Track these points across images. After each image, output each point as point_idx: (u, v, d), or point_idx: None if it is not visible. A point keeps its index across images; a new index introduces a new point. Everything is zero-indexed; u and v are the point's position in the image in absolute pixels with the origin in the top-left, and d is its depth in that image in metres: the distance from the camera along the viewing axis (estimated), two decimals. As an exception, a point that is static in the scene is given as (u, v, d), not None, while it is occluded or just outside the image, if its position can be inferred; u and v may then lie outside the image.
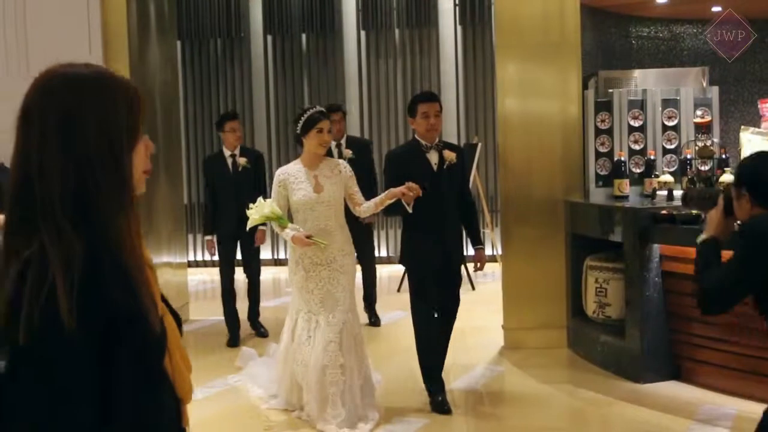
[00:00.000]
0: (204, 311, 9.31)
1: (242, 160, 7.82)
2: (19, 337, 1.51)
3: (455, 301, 5.95)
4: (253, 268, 8.04)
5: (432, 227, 5.71)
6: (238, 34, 13.40)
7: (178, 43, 12.15)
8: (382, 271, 10.23)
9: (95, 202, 1.61)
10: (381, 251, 12.70)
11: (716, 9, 9.47)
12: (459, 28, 13.00)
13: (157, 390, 1.67)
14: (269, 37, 13.41)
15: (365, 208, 5.64)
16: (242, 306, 8.04)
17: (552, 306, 7.30)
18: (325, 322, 5.48)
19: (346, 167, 5.70)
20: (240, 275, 8.01)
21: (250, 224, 5.57)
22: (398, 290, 10.07)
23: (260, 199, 5.53)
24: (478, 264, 5.91)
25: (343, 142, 8.08)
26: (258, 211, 5.44)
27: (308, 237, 5.45)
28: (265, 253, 13.20)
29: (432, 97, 5.91)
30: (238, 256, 7.94)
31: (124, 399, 1.57)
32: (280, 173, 5.68)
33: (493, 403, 5.53)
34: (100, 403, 1.54)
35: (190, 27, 13.34)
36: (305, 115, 5.59)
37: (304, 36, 13.31)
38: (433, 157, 5.77)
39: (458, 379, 6.27)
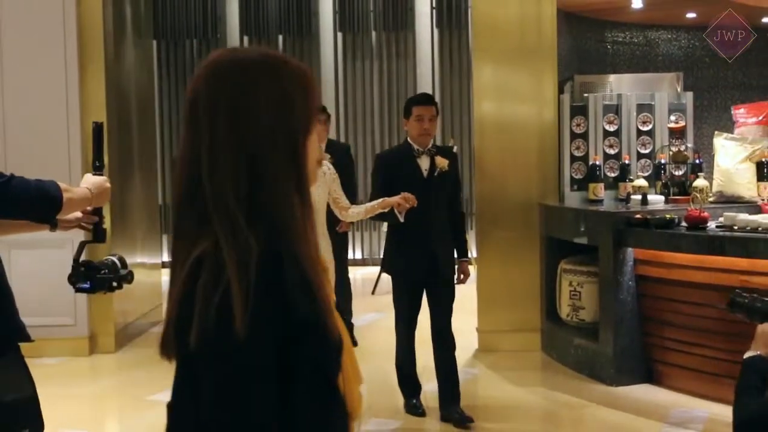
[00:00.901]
0: (178, 312, 9.27)
1: None
2: (190, 343, 1.41)
3: (447, 313, 5.62)
4: None
5: (418, 236, 5.49)
6: (214, 35, 13.36)
7: (154, 43, 12.10)
8: (357, 274, 10.24)
9: (270, 196, 1.48)
10: (355, 253, 12.69)
11: (691, 15, 9.53)
12: (436, 31, 13.02)
13: (333, 404, 1.53)
14: (245, 39, 13.38)
15: (353, 213, 5.41)
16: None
17: (526, 309, 7.32)
18: None
19: (330, 169, 5.40)
20: None
21: None
22: (372, 293, 10.06)
23: None
24: (461, 276, 5.74)
25: (322, 145, 7.86)
26: None
27: None
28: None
29: (428, 100, 5.68)
30: None
31: (301, 414, 1.45)
32: None
33: (467, 406, 5.54)
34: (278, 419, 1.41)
35: (166, 27, 13.29)
36: None
37: (280, 37, 13.29)
38: (423, 163, 5.56)
39: (431, 382, 6.28)
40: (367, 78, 13.18)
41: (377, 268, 10.55)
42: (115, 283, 2.86)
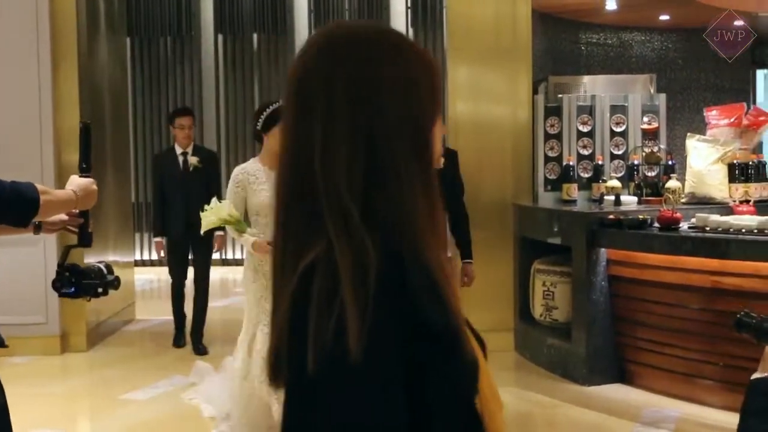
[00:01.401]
0: (150, 311, 9.22)
1: (193, 160, 7.47)
2: (307, 363, 1.19)
3: None
4: (200, 279, 7.64)
5: None
6: (188, 32, 13.31)
7: (128, 40, 12.02)
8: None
9: (392, 191, 1.28)
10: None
11: (664, 18, 9.60)
12: (410, 30, 13.03)
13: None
14: (220, 36, 13.35)
15: None
16: (189, 308, 7.89)
17: (499, 309, 7.34)
18: None
19: None
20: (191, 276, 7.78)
21: (205, 227, 4.96)
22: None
23: (215, 200, 5.00)
24: (465, 279, 5.61)
25: None
26: (215, 213, 4.91)
27: (270, 243, 5.07)
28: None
29: None
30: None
31: None
32: (239, 172, 5.14)
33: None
34: None
35: (140, 24, 13.23)
36: (268, 110, 5.07)
37: (255, 36, 13.27)
38: None
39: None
40: (341, 77, 13.15)
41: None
42: (100, 289, 2.82)
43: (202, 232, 5.06)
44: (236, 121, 13.38)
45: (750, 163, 6.98)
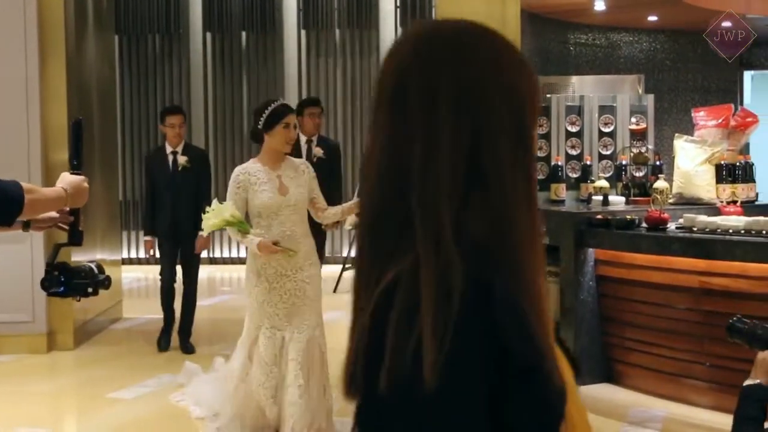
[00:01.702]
0: (138, 309, 9.19)
1: (182, 159, 7.39)
2: (379, 383, 1.13)
3: None
4: (188, 279, 7.57)
5: None
6: (177, 30, 13.28)
7: (116, 37, 11.99)
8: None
9: (494, 202, 1.19)
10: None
11: (652, 18, 9.62)
12: (400, 29, 13.02)
13: None
14: (209, 35, 13.32)
15: (330, 214, 5.18)
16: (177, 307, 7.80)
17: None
18: (290, 338, 4.91)
19: (308, 168, 5.14)
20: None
21: (208, 229, 4.91)
22: (334, 291, 10.05)
23: (216, 202, 4.91)
24: None
25: (314, 139, 7.44)
26: (217, 214, 4.79)
27: (275, 243, 4.82)
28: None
29: None
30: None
31: None
32: (240, 172, 4.99)
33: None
34: None
35: (128, 22, 13.19)
36: (270, 108, 4.96)
37: (244, 34, 13.24)
38: None
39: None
40: (330, 76, 13.16)
41: (338, 267, 10.57)
42: (90, 289, 2.79)
43: (204, 234, 5.04)
44: (225, 120, 13.36)
45: (737, 164, 7.01)
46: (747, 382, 2.62)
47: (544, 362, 1.17)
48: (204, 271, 12.30)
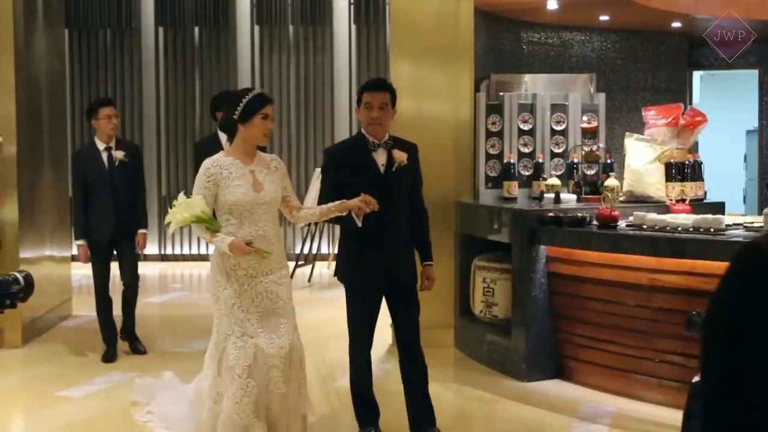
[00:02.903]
0: (87, 306, 9.06)
1: (119, 154, 7.03)
2: None
3: (414, 329, 5.06)
4: (130, 278, 7.21)
5: (376, 238, 4.88)
6: (128, 24, 13.15)
7: (66, 31, 11.84)
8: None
9: None
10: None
11: (604, 18, 9.71)
12: (353, 26, 13.03)
13: None
14: (161, 30, 13.21)
15: (306, 215, 4.85)
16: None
17: (440, 305, 7.35)
18: (268, 345, 4.50)
19: (280, 163, 4.76)
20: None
21: (175, 225, 4.42)
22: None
23: (182, 195, 4.49)
24: (426, 282, 5.13)
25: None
26: (186, 209, 4.39)
27: (248, 244, 4.43)
28: (152, 248, 12.99)
29: (378, 85, 5.02)
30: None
31: None
32: (211, 165, 4.56)
33: (379, 401, 5.52)
34: None
35: (79, 16, 13.04)
36: (247, 97, 4.56)
37: (196, 29, 13.15)
38: (380, 157, 4.93)
39: (344, 377, 6.27)
40: (283, 72, 13.12)
41: (291, 263, 10.53)
42: (8, 301, 2.71)
43: (171, 230, 4.51)
44: (177, 116, 13.25)
45: (686, 162, 7.10)
46: (696, 379, 2.65)
47: None
48: (155, 268, 12.24)
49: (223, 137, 6.90)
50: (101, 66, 13.19)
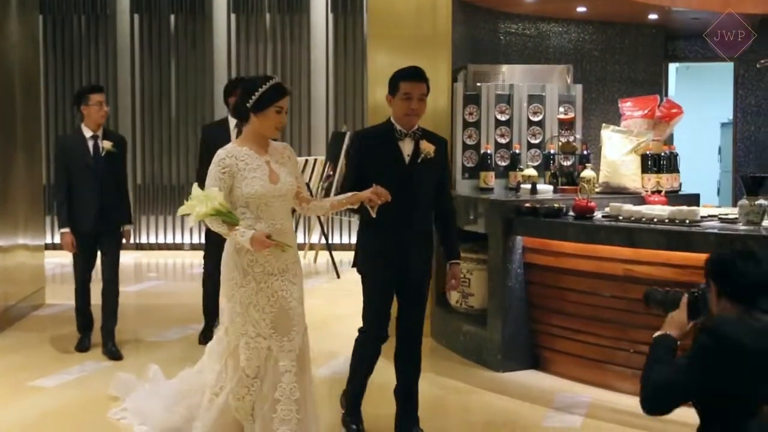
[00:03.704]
0: (61, 295, 9.01)
1: (107, 144, 6.83)
2: None
3: (416, 326, 5.03)
4: (112, 274, 6.96)
5: (395, 230, 4.79)
6: (103, 11, 13.05)
7: (41, 18, 11.72)
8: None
9: None
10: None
11: (581, 9, 9.72)
12: (331, 15, 12.98)
13: None
14: (136, 17, 13.11)
15: (317, 206, 4.78)
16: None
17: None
18: (278, 348, 4.37)
19: (292, 152, 4.59)
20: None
21: (196, 218, 4.24)
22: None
23: (196, 187, 4.28)
24: (453, 281, 5.05)
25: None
26: (204, 202, 4.19)
27: (268, 237, 4.25)
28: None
29: (418, 76, 4.89)
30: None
31: None
32: (225, 156, 4.35)
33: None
34: None
35: (53, 2, 12.92)
36: (264, 87, 4.35)
37: (172, 17, 13.06)
38: (406, 147, 4.83)
39: (322, 367, 6.25)
40: (260, 61, 13.05)
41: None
42: None
43: (191, 224, 4.31)
44: (152, 104, 13.17)
45: (662, 154, 7.14)
46: (657, 334, 3.21)
47: None
48: (130, 257, 12.16)
49: (232, 122, 6.93)
50: (76, 53, 13.07)
